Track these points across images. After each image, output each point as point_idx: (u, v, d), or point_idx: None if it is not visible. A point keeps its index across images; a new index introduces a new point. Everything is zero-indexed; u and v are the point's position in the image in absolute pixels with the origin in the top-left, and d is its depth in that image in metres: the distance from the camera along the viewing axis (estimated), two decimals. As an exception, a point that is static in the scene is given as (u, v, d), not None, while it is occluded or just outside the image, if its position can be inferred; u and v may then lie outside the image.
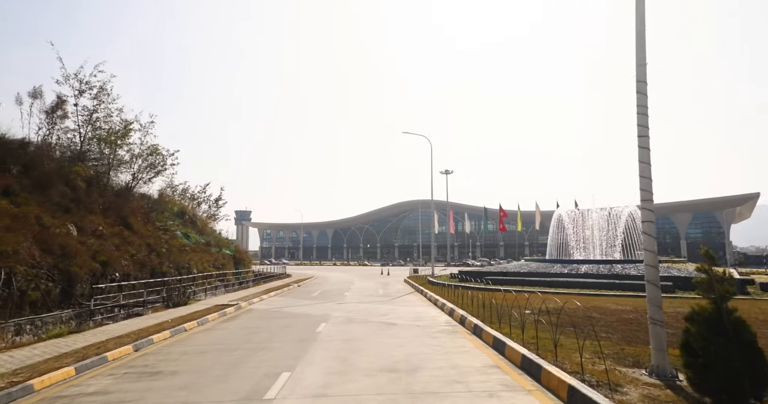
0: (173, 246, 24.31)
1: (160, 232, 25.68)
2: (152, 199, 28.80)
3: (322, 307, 16.15)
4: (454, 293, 17.14)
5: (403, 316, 13.45)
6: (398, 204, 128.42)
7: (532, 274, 21.64)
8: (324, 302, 18.14)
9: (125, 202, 23.77)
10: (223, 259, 30.95)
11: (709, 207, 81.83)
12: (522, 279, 20.72)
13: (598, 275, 19.51)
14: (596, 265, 21.02)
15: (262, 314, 14.43)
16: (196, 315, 13.26)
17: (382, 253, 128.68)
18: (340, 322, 12.29)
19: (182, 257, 24.03)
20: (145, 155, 26.45)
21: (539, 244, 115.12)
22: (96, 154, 23.37)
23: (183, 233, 29.10)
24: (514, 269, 23.06)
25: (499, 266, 25.82)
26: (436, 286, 22.47)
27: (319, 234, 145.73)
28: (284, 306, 16.90)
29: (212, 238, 33.76)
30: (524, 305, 11.37)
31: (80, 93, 20.61)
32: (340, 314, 14.07)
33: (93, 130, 22.70)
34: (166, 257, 22.14)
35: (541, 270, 22.03)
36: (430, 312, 14.53)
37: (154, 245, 22.55)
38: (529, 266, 23.13)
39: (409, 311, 14.76)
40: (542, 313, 9.28)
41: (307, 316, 13.71)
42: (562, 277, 20.38)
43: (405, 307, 15.91)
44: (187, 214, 33.41)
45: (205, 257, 27.18)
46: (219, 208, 45.39)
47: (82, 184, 20.68)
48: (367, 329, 11.11)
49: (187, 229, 31.07)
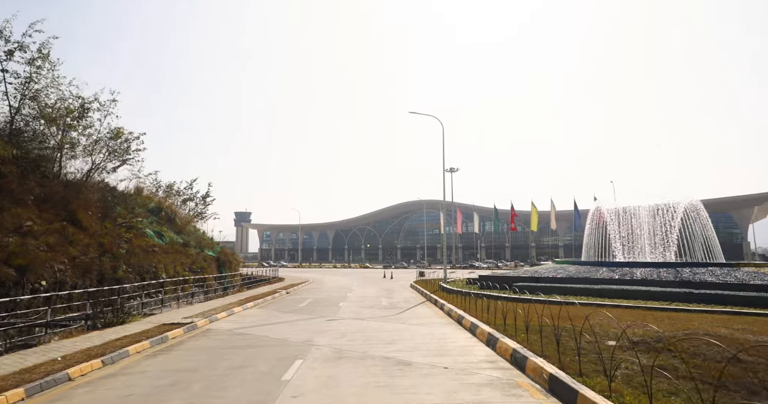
0: (137, 246, 20.16)
1: (122, 229, 21.52)
2: (117, 192, 24.61)
3: (305, 327, 11.97)
4: (479, 305, 12.97)
5: (419, 345, 9.26)
6: (401, 204, 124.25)
7: (572, 280, 17.42)
8: (311, 317, 13.96)
9: (75, 193, 19.61)
10: (205, 261, 26.74)
11: (725, 207, 77.18)
12: (561, 287, 16.51)
13: (662, 282, 15.26)
14: (655, 269, 16.78)
15: (218, 340, 10.22)
16: (113, 345, 9.00)
17: (384, 255, 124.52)
18: (324, 359, 8.09)
19: (148, 260, 19.93)
20: (105, 140, 22.34)
21: (547, 245, 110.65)
22: (38, 135, 19.27)
23: (156, 232, 24.90)
24: (548, 274, 18.84)
25: (527, 269, 21.47)
26: (453, 294, 18.31)
27: (319, 235, 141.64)
28: (257, 323, 12.75)
29: (193, 238, 29.49)
30: (590, 326, 7.36)
31: (8, 55, 16.49)
32: (327, 340, 9.89)
33: (34, 105, 18.60)
34: (124, 260, 18.06)
35: (583, 275, 17.80)
36: (455, 336, 10.33)
37: (110, 245, 18.39)
38: (567, 271, 18.89)
39: (426, 334, 10.57)
40: (628, 342, 5.07)
41: (279, 345, 9.51)
42: (613, 284, 16.14)
43: (419, 327, 11.72)
44: (163, 210, 29.15)
45: (180, 259, 23.04)
46: (207, 206, 41.38)
47: (9, 168, 16.57)
48: (364, 374, 6.93)
49: (162, 227, 26.81)
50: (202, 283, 24.02)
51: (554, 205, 53.40)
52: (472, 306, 13.66)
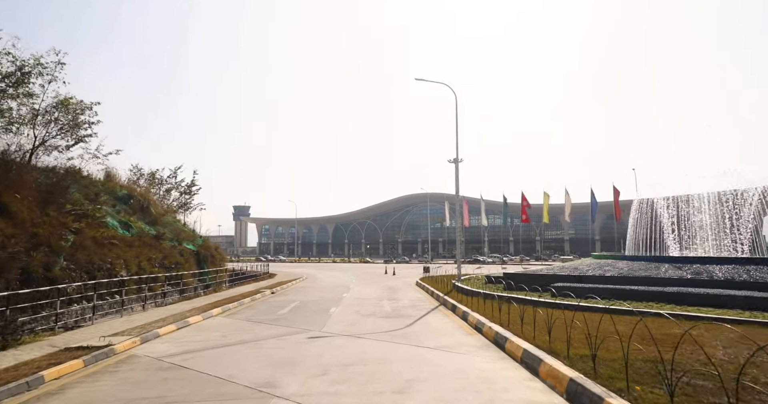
0: (88, 238, 16.36)
1: (69, 218, 17.67)
2: (70, 174, 20.67)
3: (273, 351, 8.12)
4: (514, 313, 9.12)
5: (450, 399, 5.42)
6: (402, 197, 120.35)
7: (628, 280, 13.53)
8: (287, 332, 10.11)
9: (3, 173, 15.78)
10: (181, 256, 22.89)
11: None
12: (617, 289, 12.63)
13: (764, 284, 11.36)
14: (740, 266, 12.87)
15: (122, 386, 6.36)
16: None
17: (384, 249, 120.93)
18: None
19: (103, 254, 16.21)
20: (51, 111, 18.47)
21: (552, 239, 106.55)
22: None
23: (122, 222, 21.02)
24: (592, 272, 14.94)
25: (563, 266, 17.55)
26: (474, 297, 14.47)
27: (319, 229, 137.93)
28: (209, 344, 8.92)
29: (171, 230, 25.56)
30: None
31: None
32: (297, 386, 6.00)
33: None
34: (67, 255, 14.35)
35: (641, 273, 13.91)
36: (505, 375, 6.40)
37: (47, 236, 14.58)
38: (616, 268, 14.97)
39: (457, 371, 6.67)
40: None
41: (214, 398, 5.68)
42: (689, 286, 12.25)
43: (442, 354, 7.84)
44: (133, 198, 25.13)
45: (148, 253, 19.27)
46: (192, 195, 37.60)
47: None
48: None
49: (131, 217, 22.86)
50: (178, 281, 20.32)
51: (569, 195, 49.41)
52: (506, 314, 9.81)
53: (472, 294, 15.62)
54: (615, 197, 44.00)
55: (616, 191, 44.24)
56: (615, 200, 43.88)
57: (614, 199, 44.06)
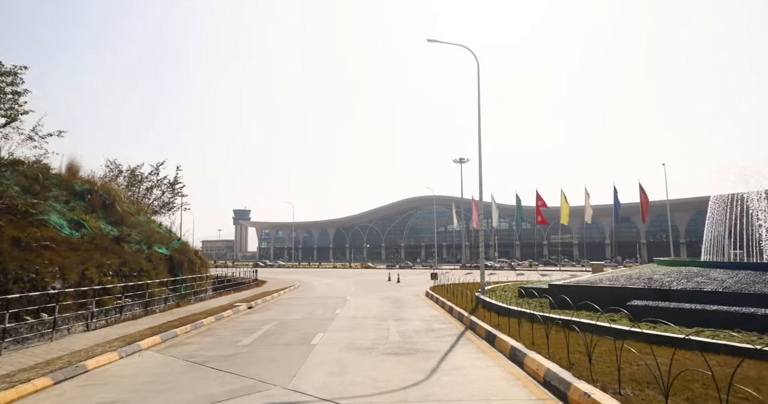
0: (7, 240, 12.47)
1: (-14, 213, 13.79)
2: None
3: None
4: (598, 349, 5.08)
5: None
6: (406, 200, 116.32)
7: (739, 297, 9.41)
8: (226, 396, 6.08)
9: None
10: (149, 262, 18.88)
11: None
12: (728, 313, 8.56)
13: None
14: None
15: None
16: None
17: (387, 254, 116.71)
18: None
19: (28, 260, 12.27)
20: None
21: (560, 243, 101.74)
22: None
23: (73, 221, 17.06)
24: (677, 286, 10.78)
25: (629, 274, 13.19)
26: (513, 318, 10.25)
27: (320, 234, 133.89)
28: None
29: (139, 231, 21.51)
30: None
31: None
32: None
33: None
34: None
35: (756, 288, 9.74)
36: None
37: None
38: (712, 278, 10.82)
39: None
40: None
41: None
42: None
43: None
44: (93, 193, 21.07)
45: (100, 258, 15.29)
46: (176, 194, 33.69)
47: None
48: None
49: (86, 216, 18.82)
50: (142, 292, 16.38)
51: (589, 195, 45.14)
52: (581, 351, 5.78)
53: (507, 313, 11.55)
54: (642, 196, 39.82)
55: (642, 191, 40.05)
56: (643, 200, 39.59)
57: (641, 199, 39.84)
